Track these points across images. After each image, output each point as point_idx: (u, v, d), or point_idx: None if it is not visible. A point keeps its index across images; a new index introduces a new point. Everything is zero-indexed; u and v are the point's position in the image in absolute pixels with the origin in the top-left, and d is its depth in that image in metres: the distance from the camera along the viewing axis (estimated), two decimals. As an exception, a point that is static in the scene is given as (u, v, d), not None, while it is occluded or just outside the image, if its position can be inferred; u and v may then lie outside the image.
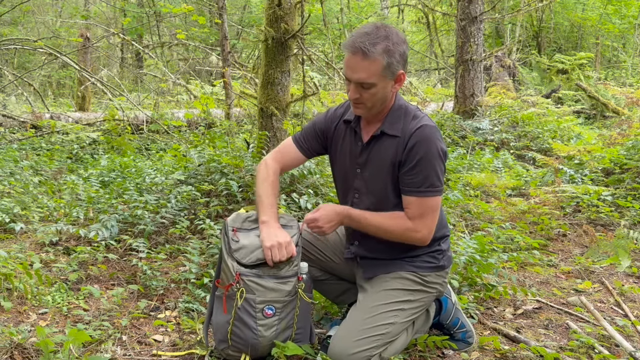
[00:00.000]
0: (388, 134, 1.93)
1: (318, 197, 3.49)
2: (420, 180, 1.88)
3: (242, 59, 12.40)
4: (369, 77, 1.82)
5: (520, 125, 6.93)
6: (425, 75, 14.90)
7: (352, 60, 1.82)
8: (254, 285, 1.87)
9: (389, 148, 1.93)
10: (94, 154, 6.00)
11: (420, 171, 1.87)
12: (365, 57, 1.80)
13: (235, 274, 1.87)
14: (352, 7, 13.99)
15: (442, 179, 1.92)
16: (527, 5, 10.49)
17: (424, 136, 1.87)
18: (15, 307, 2.31)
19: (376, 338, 1.87)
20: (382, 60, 1.80)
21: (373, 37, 1.80)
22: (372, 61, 1.80)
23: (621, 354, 2.12)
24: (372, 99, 1.88)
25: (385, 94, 1.89)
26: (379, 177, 1.96)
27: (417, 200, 1.90)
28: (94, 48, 9.63)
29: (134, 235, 3.12)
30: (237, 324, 1.88)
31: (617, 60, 13.26)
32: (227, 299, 1.90)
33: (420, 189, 1.89)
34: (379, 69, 1.81)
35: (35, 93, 8.63)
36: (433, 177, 1.88)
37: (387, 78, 1.85)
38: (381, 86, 1.85)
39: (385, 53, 1.80)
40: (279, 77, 3.83)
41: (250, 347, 1.89)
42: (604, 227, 3.79)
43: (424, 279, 2.00)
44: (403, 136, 1.91)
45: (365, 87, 1.85)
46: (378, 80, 1.83)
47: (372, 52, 1.79)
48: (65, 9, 14.20)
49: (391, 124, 1.94)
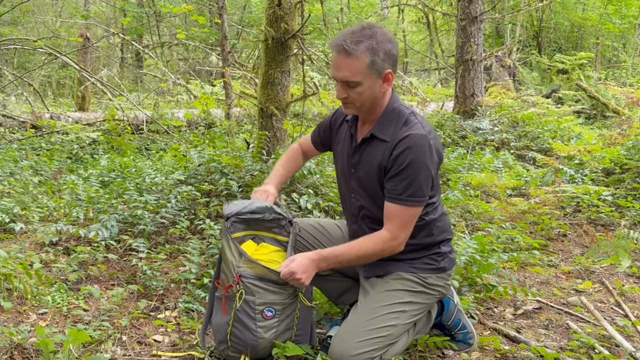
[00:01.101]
0: (378, 138, 1.93)
1: (318, 197, 3.49)
2: (402, 188, 1.85)
3: (242, 59, 12.39)
4: (353, 75, 1.82)
5: (520, 125, 6.93)
6: (426, 75, 14.90)
7: (336, 59, 1.84)
8: (254, 287, 1.87)
9: (378, 152, 1.92)
10: (94, 154, 6.00)
11: (403, 179, 1.85)
12: (348, 55, 1.80)
13: (235, 275, 1.87)
14: (352, 7, 13.99)
15: (426, 190, 1.88)
16: (527, 5, 10.49)
17: (410, 145, 1.84)
18: (15, 307, 2.30)
19: (378, 340, 1.87)
20: (365, 58, 1.80)
21: (357, 35, 1.81)
22: (355, 59, 1.80)
23: (621, 354, 2.12)
24: (359, 98, 1.87)
25: (373, 94, 1.88)
26: (371, 179, 1.96)
27: (398, 208, 1.87)
28: (94, 48, 9.63)
29: (134, 235, 3.12)
30: (237, 325, 1.88)
31: (617, 60, 13.26)
32: (226, 300, 1.90)
33: (401, 197, 1.86)
34: (362, 67, 1.81)
35: (35, 93, 8.63)
36: (415, 187, 1.85)
37: (373, 76, 1.84)
38: (367, 85, 1.85)
39: (369, 51, 1.80)
40: (279, 77, 3.83)
41: (249, 349, 1.89)
42: (604, 227, 3.78)
43: (425, 281, 2.00)
44: (391, 142, 1.89)
45: (351, 86, 1.85)
46: (363, 78, 1.83)
47: (354, 49, 1.79)
48: (65, 9, 14.20)
49: (382, 127, 1.93)
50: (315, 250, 1.95)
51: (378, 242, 1.90)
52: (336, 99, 1.93)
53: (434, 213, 2.00)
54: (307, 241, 2.17)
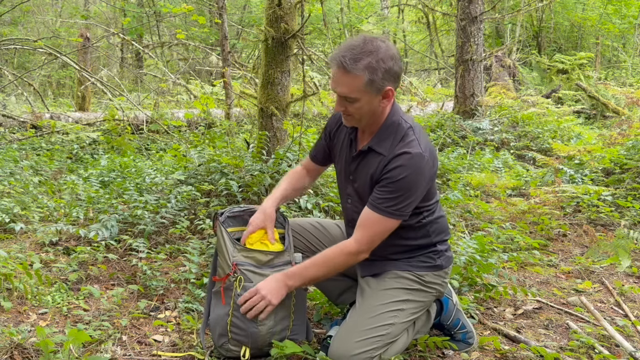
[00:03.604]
0: (375, 151, 1.92)
1: (318, 197, 3.50)
2: (386, 199, 1.84)
3: (242, 59, 12.39)
4: (351, 92, 1.80)
5: (520, 125, 6.93)
6: (425, 75, 14.91)
7: (335, 74, 1.81)
8: (251, 274, 1.90)
9: (373, 164, 1.92)
10: (94, 154, 6.00)
11: (390, 192, 1.84)
12: (346, 73, 1.77)
13: (232, 265, 1.90)
14: (352, 7, 13.97)
15: (410, 208, 1.87)
16: (527, 5, 10.49)
17: (404, 163, 1.83)
18: (15, 307, 2.30)
19: (377, 339, 1.87)
20: (363, 76, 1.76)
21: (357, 51, 1.77)
22: (353, 77, 1.77)
23: (621, 354, 2.12)
24: (358, 112, 1.86)
25: (372, 109, 1.87)
26: (366, 189, 1.96)
27: (375, 217, 1.86)
28: (94, 48, 9.62)
29: (134, 235, 3.12)
30: (237, 314, 1.89)
31: (617, 60, 13.26)
32: (225, 290, 1.92)
33: (382, 206, 1.85)
34: (360, 85, 1.78)
35: (35, 93, 8.63)
36: (400, 202, 1.84)
37: (371, 93, 1.81)
38: (365, 101, 1.83)
39: (367, 69, 1.76)
40: (279, 77, 3.83)
41: (250, 338, 1.90)
42: (604, 227, 3.78)
43: (422, 279, 2.00)
44: (387, 156, 1.88)
45: (349, 101, 1.83)
46: (361, 95, 1.81)
47: (352, 68, 1.76)
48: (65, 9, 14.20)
49: (379, 140, 1.92)
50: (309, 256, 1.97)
51: (341, 253, 1.89)
52: (336, 99, 1.92)
53: (430, 215, 2.01)
54: (308, 240, 2.18)
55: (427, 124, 7.02)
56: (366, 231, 1.88)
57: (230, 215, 2.10)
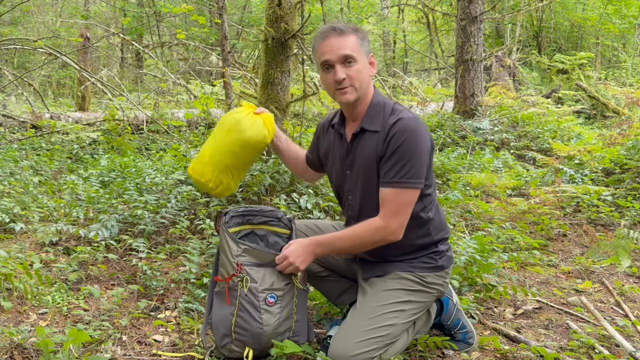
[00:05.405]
0: (369, 130, 1.94)
1: (318, 197, 3.49)
2: (396, 170, 1.85)
3: (242, 59, 12.39)
4: (352, 50, 1.89)
5: (520, 125, 6.93)
6: (425, 75, 14.91)
7: (328, 42, 1.90)
8: (255, 273, 1.91)
9: (371, 144, 1.93)
10: (94, 154, 6.00)
11: (397, 161, 1.85)
12: (342, 34, 1.89)
13: (236, 265, 1.91)
14: (352, 7, 13.98)
15: (421, 173, 1.87)
16: (527, 5, 10.49)
17: (402, 127, 1.86)
18: (15, 307, 2.30)
19: (377, 339, 1.87)
20: (355, 36, 1.90)
21: (341, 23, 1.93)
22: (348, 36, 1.89)
23: (621, 354, 2.12)
24: (358, 76, 1.90)
25: (366, 75, 1.93)
26: (366, 174, 1.95)
27: (392, 192, 1.86)
28: (94, 48, 9.63)
29: (134, 235, 3.12)
30: (241, 315, 1.89)
31: (617, 60, 13.25)
32: (229, 291, 1.91)
33: (395, 179, 1.85)
34: (356, 43, 1.90)
35: (35, 93, 8.63)
36: (410, 168, 1.84)
37: (363, 55, 1.91)
38: (362, 63, 1.91)
39: (355, 32, 1.91)
40: (279, 77, 3.83)
41: (254, 339, 1.89)
42: (604, 227, 3.78)
43: (424, 280, 2.00)
44: (383, 130, 1.90)
45: (350, 64, 1.89)
46: (358, 55, 1.90)
47: (345, 29, 1.90)
48: (65, 9, 14.20)
49: (370, 119, 1.95)
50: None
51: (369, 228, 1.90)
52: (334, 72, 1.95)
53: (431, 211, 2.00)
54: None
55: (427, 124, 7.01)
56: (387, 206, 1.87)
57: (234, 215, 2.11)
